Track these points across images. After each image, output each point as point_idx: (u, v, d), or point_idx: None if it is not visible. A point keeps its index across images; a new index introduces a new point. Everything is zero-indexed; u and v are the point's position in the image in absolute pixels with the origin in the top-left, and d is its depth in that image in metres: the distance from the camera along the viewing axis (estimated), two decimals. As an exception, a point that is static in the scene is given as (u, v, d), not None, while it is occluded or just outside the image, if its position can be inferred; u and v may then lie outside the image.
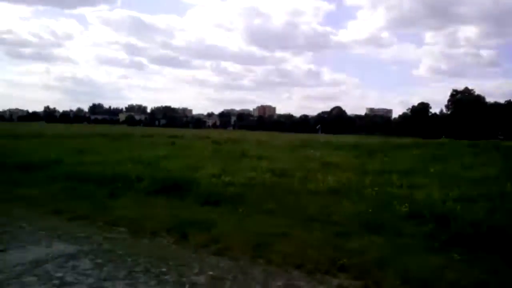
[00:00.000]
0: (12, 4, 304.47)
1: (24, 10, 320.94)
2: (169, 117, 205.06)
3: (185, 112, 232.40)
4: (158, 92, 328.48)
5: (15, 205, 9.48)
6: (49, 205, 9.38)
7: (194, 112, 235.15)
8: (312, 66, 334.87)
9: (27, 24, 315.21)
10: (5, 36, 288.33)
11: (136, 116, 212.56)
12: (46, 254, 5.89)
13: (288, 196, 9.59)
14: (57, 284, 4.88)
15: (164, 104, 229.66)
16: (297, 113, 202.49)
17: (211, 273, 5.31)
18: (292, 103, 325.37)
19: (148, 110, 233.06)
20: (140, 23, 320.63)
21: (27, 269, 5.28)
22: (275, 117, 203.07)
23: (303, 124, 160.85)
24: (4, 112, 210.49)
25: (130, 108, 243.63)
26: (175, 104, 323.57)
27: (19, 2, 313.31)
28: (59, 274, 5.16)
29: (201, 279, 5.12)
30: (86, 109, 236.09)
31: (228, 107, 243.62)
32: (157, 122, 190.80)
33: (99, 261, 5.68)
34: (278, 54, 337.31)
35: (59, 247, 6.28)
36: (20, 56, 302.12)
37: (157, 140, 35.23)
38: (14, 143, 29.03)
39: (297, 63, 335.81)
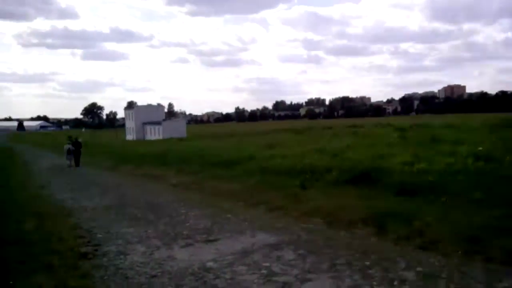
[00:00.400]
0: (206, 17, 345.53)
1: (216, 21, 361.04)
2: (347, 107, 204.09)
3: (363, 100, 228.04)
4: (335, 84, 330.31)
5: (221, 198, 10.55)
6: (248, 198, 10.13)
7: (373, 100, 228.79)
8: (510, 34, 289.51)
9: (218, 33, 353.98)
10: (201, 47, 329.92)
11: (315, 109, 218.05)
12: (252, 244, 6.28)
13: (499, 184, 8.27)
14: (265, 274, 5.09)
15: (342, 95, 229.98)
16: (492, 90, 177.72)
17: (420, 269, 4.84)
18: (485, 80, 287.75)
19: (327, 102, 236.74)
20: (316, 17, 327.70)
21: (236, 259, 5.68)
22: (464, 96, 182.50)
23: (500, 101, 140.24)
24: (203, 115, 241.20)
25: (310, 102, 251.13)
26: (353, 93, 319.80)
27: (211, 14, 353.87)
28: (266, 264, 5.40)
29: (410, 275, 4.70)
30: (270, 106, 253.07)
31: (410, 91, 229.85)
32: (336, 113, 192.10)
33: (301, 252, 5.78)
34: (466, 26, 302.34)
35: (262, 237, 6.64)
36: (214, 64, 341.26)
37: (338, 131, 35.17)
38: (215, 143, 32.80)
39: (490, 33, 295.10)
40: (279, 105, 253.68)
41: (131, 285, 4.92)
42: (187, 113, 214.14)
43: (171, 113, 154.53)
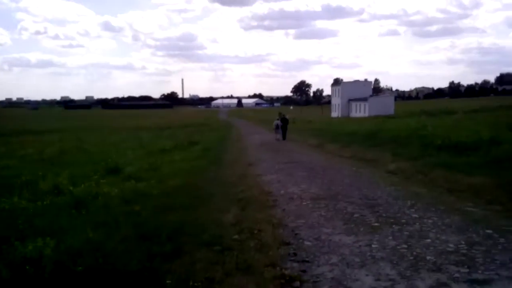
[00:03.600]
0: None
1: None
2: None
3: None
4: None
5: (463, 197, 7.79)
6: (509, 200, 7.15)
7: None
8: None
9: (434, 1, 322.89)
10: (414, 17, 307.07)
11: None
12: None
13: None
14: None
15: None
16: None
17: None
18: None
19: None
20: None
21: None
22: None
23: None
24: (411, 91, 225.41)
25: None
26: None
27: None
28: None
29: None
30: (492, 80, 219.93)
31: None
32: None
33: None
34: None
35: None
36: (427, 35, 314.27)
37: None
38: (430, 121, 28.65)
39: None
40: (504, 78, 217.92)
41: None
42: (394, 89, 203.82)
43: (377, 90, 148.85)
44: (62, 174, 10.30)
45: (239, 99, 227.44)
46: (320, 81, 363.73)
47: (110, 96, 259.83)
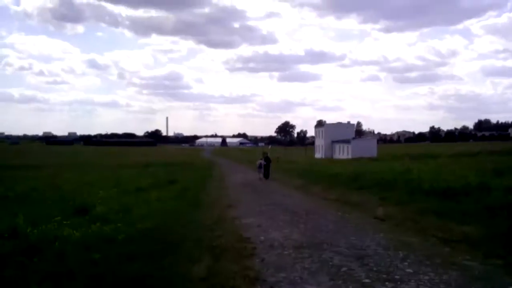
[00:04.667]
0: (400, 32, 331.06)
1: (411, 36, 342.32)
2: None
3: None
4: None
5: (459, 249, 7.13)
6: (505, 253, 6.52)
7: None
8: None
9: (413, 49, 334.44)
10: (394, 64, 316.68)
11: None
12: None
13: None
14: None
15: None
16: None
17: None
18: None
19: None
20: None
21: None
22: None
23: None
24: (392, 134, 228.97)
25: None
26: None
27: (406, 29, 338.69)
28: None
29: None
30: (471, 126, 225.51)
31: None
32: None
33: None
34: None
35: None
36: (407, 81, 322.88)
37: None
38: (416, 165, 28.38)
39: None
40: (482, 124, 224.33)
41: None
42: (376, 132, 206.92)
43: (359, 132, 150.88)
44: (19, 215, 9.35)
45: (224, 138, 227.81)
46: (304, 122, 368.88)
47: (93, 132, 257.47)
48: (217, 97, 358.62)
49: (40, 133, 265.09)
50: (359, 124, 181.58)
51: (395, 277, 5.58)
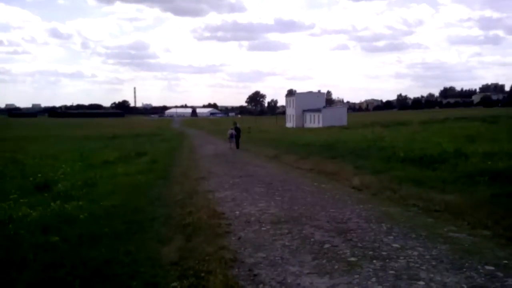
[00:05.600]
0: (368, 1, 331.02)
1: (379, 4, 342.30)
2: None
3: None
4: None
5: (442, 217, 6.85)
6: (490, 222, 6.29)
7: None
8: None
9: (381, 18, 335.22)
10: (362, 33, 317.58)
11: (493, 96, 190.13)
12: None
13: None
14: None
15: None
16: None
17: None
18: None
19: (507, 88, 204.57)
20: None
21: None
22: None
23: None
24: (361, 103, 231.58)
25: (485, 88, 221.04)
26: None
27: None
28: None
29: None
30: (436, 93, 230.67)
31: None
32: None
33: None
34: None
35: None
36: (375, 50, 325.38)
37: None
38: (386, 133, 28.45)
39: None
40: (447, 91, 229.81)
41: None
42: (345, 101, 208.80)
43: (329, 101, 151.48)
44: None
45: (194, 108, 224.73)
46: (274, 92, 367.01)
47: (58, 104, 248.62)
48: (185, 67, 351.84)
49: (3, 106, 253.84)
50: (329, 93, 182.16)
51: (382, 253, 5.20)
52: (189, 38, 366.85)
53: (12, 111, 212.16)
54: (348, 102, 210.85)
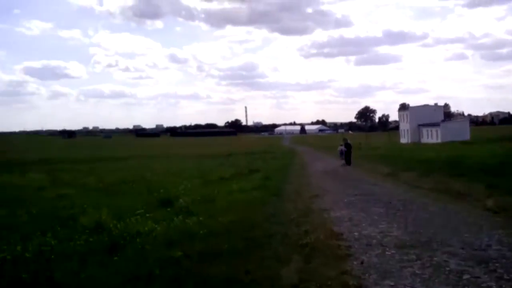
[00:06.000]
0: (486, 7, 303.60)
1: (498, 9, 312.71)
2: None
3: None
4: None
5: None
6: None
7: None
8: None
9: (502, 23, 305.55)
10: (482, 41, 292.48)
11: None
12: None
13: None
14: None
15: None
16: None
17: None
18: None
19: None
20: None
21: None
22: None
23: None
24: (485, 115, 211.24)
25: None
26: None
27: (493, 3, 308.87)
28: None
29: None
30: None
31: None
32: None
33: None
34: None
35: None
36: (497, 58, 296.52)
37: None
38: None
39: None
40: None
41: None
42: (465, 113, 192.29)
43: (447, 114, 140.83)
44: (103, 208, 9.31)
45: (302, 125, 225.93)
46: (385, 106, 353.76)
47: (178, 124, 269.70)
48: (293, 85, 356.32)
49: (131, 126, 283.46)
50: (446, 106, 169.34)
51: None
52: (296, 56, 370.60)
53: (138, 132, 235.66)
54: (469, 115, 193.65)
